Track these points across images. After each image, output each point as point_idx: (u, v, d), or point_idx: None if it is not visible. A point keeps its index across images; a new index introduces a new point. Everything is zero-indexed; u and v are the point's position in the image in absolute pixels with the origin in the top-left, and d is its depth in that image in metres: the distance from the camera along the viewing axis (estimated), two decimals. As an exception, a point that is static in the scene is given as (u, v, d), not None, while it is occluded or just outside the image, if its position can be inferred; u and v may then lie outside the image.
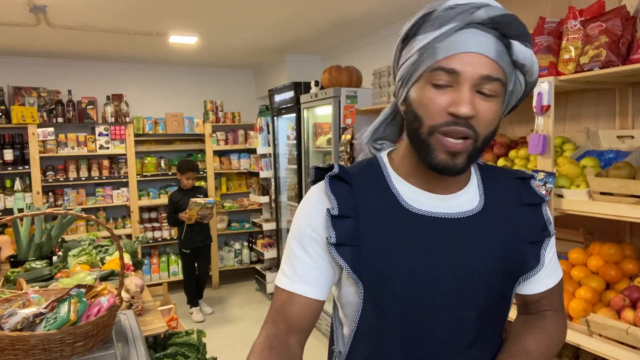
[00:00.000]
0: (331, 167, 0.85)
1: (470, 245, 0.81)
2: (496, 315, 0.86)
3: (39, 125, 4.29)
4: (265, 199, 4.87)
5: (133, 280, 1.97)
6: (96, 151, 4.58)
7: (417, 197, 0.82)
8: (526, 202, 0.88)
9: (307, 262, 0.83)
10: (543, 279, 0.90)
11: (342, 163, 3.40)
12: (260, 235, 5.13)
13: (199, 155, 5.18)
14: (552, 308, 0.93)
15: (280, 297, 0.84)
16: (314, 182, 0.89)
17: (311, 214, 0.84)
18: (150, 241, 4.89)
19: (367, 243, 0.79)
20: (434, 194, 0.82)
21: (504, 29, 0.73)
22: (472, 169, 0.89)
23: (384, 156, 0.89)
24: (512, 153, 2.12)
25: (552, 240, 0.90)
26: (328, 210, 0.80)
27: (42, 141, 4.34)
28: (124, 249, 1.82)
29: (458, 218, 0.81)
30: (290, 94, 4.12)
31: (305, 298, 0.82)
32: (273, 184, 4.71)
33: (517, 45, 0.74)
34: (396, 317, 0.80)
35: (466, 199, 0.84)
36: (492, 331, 0.86)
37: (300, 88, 4.01)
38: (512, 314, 0.94)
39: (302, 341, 0.83)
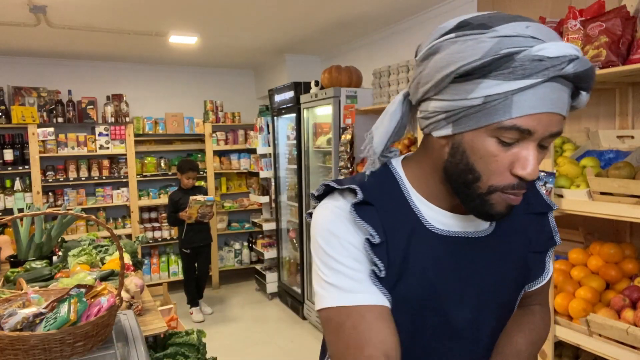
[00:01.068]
0: (339, 185, 0.78)
1: (488, 263, 0.80)
2: (504, 325, 0.88)
3: (39, 125, 4.30)
4: (265, 199, 4.87)
5: (133, 280, 1.97)
6: (96, 151, 4.58)
7: (439, 218, 0.78)
8: (533, 210, 0.87)
9: (361, 270, 0.74)
10: None
11: (342, 163, 3.41)
12: (260, 235, 5.13)
13: (199, 155, 5.18)
14: (539, 302, 0.95)
15: (351, 319, 0.71)
16: (320, 196, 0.83)
17: (347, 236, 0.74)
18: (150, 241, 4.89)
19: (394, 266, 0.75)
20: (455, 213, 0.79)
21: (582, 83, 0.65)
22: None
23: (399, 170, 0.82)
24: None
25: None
26: (368, 239, 0.73)
27: (42, 141, 4.34)
28: (124, 249, 1.82)
29: (477, 237, 0.80)
30: (290, 94, 4.12)
31: (383, 307, 0.73)
32: (273, 184, 4.71)
33: (584, 96, 0.68)
34: (421, 337, 0.79)
35: None
36: (496, 339, 0.88)
37: (300, 88, 4.01)
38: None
39: None
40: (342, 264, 0.73)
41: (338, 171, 3.46)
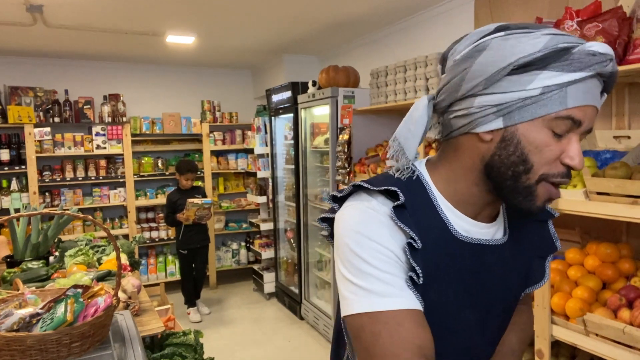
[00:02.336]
0: (372, 185, 0.77)
1: (501, 270, 0.83)
2: (505, 326, 0.92)
3: (36, 125, 4.28)
4: (262, 199, 4.87)
5: (130, 281, 1.97)
6: (93, 151, 4.57)
7: (463, 225, 0.79)
8: (537, 217, 0.91)
9: (396, 275, 0.72)
10: None
11: (339, 163, 3.41)
12: (258, 236, 5.13)
13: (197, 155, 5.17)
14: (525, 302, 1.02)
15: (387, 326, 0.68)
16: (344, 196, 0.80)
17: (382, 239, 0.72)
18: (148, 241, 4.88)
19: (424, 272, 0.73)
20: (479, 221, 0.81)
21: (611, 83, 0.70)
22: None
23: (425, 173, 0.81)
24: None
25: None
26: (410, 244, 0.72)
27: (39, 141, 4.33)
28: (120, 249, 1.82)
29: (494, 245, 0.82)
30: (287, 94, 4.12)
31: (419, 312, 0.71)
32: (270, 184, 4.71)
33: (603, 98, 0.72)
34: (437, 341, 0.77)
35: (500, 226, 0.85)
36: (498, 339, 0.92)
37: (298, 88, 4.01)
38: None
39: None
40: (376, 268, 0.70)
41: (335, 171, 3.46)
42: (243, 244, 5.41)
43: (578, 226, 1.99)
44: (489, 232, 0.82)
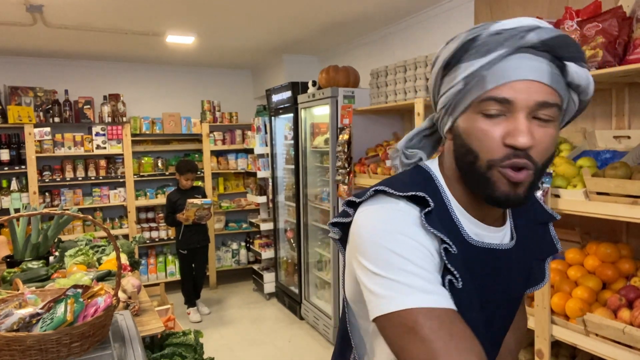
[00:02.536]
0: (397, 190, 0.76)
1: (509, 273, 0.84)
2: (508, 327, 0.93)
3: (36, 125, 4.28)
4: (262, 199, 4.87)
5: (130, 281, 1.97)
6: (93, 151, 4.57)
7: (473, 228, 0.79)
8: (539, 220, 0.92)
9: (434, 273, 0.71)
10: None
11: (339, 163, 3.41)
12: (258, 236, 5.13)
13: (197, 155, 5.17)
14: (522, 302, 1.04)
15: (444, 322, 0.65)
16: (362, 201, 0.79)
17: (418, 237, 0.71)
18: (148, 241, 4.88)
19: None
20: (488, 225, 0.81)
21: (558, 51, 0.68)
22: None
23: (439, 176, 0.81)
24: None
25: None
26: (446, 249, 0.71)
27: (39, 141, 4.33)
28: (120, 249, 1.82)
29: (502, 249, 0.83)
30: (287, 94, 4.12)
31: (458, 313, 0.69)
32: (270, 184, 4.71)
33: (572, 67, 0.70)
34: None
35: (508, 231, 0.86)
36: (501, 339, 0.94)
37: (298, 88, 4.01)
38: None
39: None
40: (415, 264, 0.68)
41: (335, 171, 3.46)
42: (243, 244, 5.41)
43: (578, 226, 1.99)
44: (498, 237, 0.83)
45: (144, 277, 4.87)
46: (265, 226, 4.85)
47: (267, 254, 4.82)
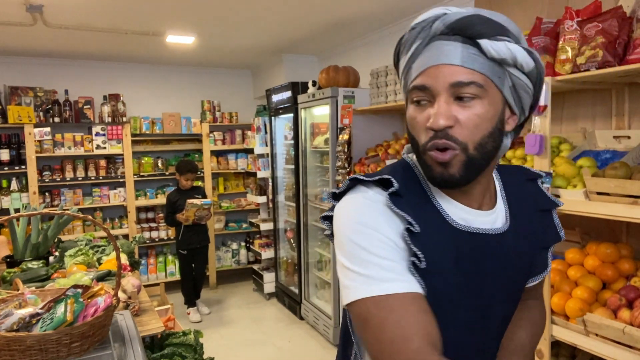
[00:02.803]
0: (368, 177, 0.79)
1: (505, 259, 0.83)
2: (509, 318, 0.91)
3: (36, 125, 4.28)
4: (262, 199, 4.87)
5: (130, 281, 1.97)
6: (93, 151, 4.57)
7: (459, 213, 0.80)
8: (540, 207, 0.92)
9: (396, 260, 0.73)
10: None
11: (339, 163, 3.41)
12: (258, 236, 5.13)
13: (196, 155, 5.17)
14: (535, 297, 1.01)
15: (392, 311, 0.68)
16: (342, 192, 0.81)
17: (380, 226, 0.74)
18: (148, 241, 4.88)
19: (424, 261, 0.74)
20: (475, 209, 0.82)
21: (466, 32, 0.72)
22: (494, 177, 0.89)
23: (419, 166, 0.84)
24: (509, 153, 2.13)
25: None
26: (408, 229, 0.73)
27: (39, 141, 4.33)
28: (120, 249, 1.82)
29: (494, 234, 0.82)
30: (287, 94, 4.11)
31: (421, 295, 0.72)
32: (270, 184, 4.71)
33: (484, 43, 0.72)
34: (449, 333, 0.77)
35: (499, 213, 0.86)
36: (503, 330, 0.92)
37: (298, 88, 4.01)
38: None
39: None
40: (375, 255, 0.72)
41: (335, 171, 3.46)
42: (243, 244, 5.41)
43: (578, 226, 1.99)
44: (488, 220, 0.83)
45: (144, 277, 4.87)
46: (265, 226, 4.85)
47: (267, 254, 4.81)
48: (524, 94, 0.77)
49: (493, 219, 0.83)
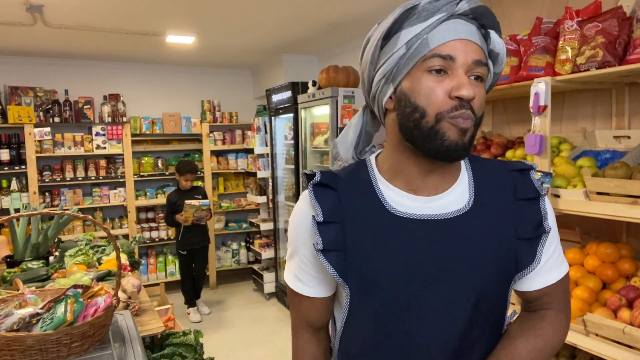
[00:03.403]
0: (314, 174, 0.88)
1: (460, 245, 0.79)
2: (491, 316, 0.84)
3: (36, 125, 4.28)
4: (262, 199, 4.87)
5: (130, 281, 1.97)
6: (93, 151, 4.57)
7: (401, 200, 0.83)
8: (522, 196, 0.84)
9: (300, 266, 0.90)
10: (542, 275, 0.86)
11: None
12: (258, 236, 5.13)
13: (196, 155, 5.17)
14: (553, 307, 0.89)
15: (293, 302, 0.96)
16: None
17: (297, 223, 0.89)
18: (148, 241, 4.88)
19: (353, 248, 0.81)
20: (419, 195, 0.83)
21: (483, 19, 0.78)
22: (463, 165, 0.88)
23: (372, 159, 0.91)
24: (509, 153, 2.13)
25: (553, 235, 0.87)
26: (313, 217, 0.83)
27: (39, 141, 4.33)
28: (120, 249, 1.82)
29: (446, 219, 0.80)
30: (287, 94, 4.12)
31: (319, 299, 0.91)
32: (270, 184, 4.71)
33: (494, 35, 0.79)
34: (384, 319, 0.81)
35: (453, 198, 0.83)
36: (484, 333, 0.84)
37: (298, 88, 4.01)
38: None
39: (325, 334, 1.00)
40: (289, 255, 0.92)
41: (335, 171, 3.46)
42: (243, 244, 5.41)
43: (578, 226, 1.99)
44: (434, 206, 0.82)
45: (144, 277, 4.87)
46: (265, 226, 4.85)
47: (267, 254, 4.81)
48: (486, 86, 0.83)
49: (443, 203, 0.82)
